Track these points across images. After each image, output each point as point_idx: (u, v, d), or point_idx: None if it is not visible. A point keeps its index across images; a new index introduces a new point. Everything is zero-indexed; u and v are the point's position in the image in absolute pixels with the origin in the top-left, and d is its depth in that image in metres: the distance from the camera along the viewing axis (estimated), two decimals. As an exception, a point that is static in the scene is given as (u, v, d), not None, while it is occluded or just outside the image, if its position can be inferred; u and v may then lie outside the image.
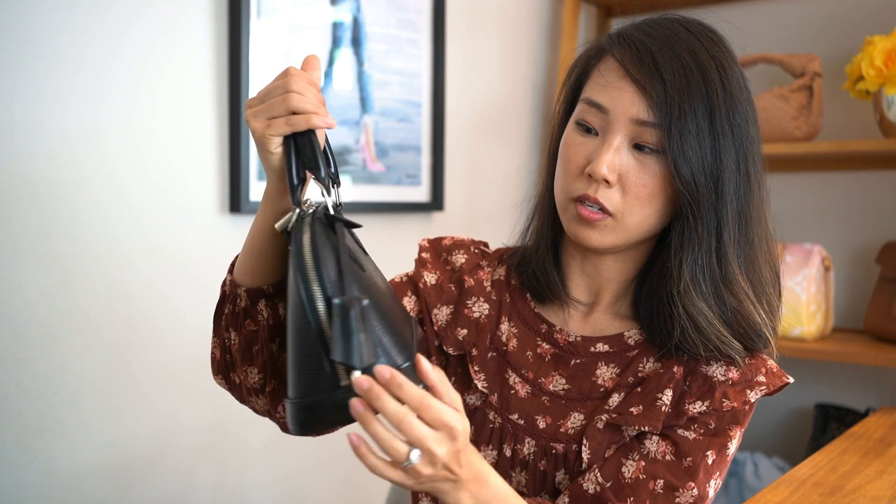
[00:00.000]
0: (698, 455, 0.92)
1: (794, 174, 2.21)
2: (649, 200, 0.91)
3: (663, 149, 0.89)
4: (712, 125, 0.89)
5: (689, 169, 0.88)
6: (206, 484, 1.55)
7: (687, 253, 0.91)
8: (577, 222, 0.93)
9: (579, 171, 0.93)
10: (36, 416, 1.30)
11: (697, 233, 0.90)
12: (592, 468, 0.93)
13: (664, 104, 0.88)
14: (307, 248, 0.76)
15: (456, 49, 2.01)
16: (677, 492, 0.91)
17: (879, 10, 2.06)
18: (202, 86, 1.50)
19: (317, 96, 0.81)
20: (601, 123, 0.92)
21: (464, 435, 0.76)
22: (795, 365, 2.14)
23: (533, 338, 1.03)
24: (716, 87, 0.89)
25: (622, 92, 0.90)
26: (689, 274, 0.91)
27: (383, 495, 1.56)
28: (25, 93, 1.27)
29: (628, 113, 0.90)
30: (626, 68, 0.90)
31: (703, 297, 0.91)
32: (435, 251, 1.10)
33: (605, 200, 0.90)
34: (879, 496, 1.16)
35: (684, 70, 0.89)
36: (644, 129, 0.89)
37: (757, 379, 0.94)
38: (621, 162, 0.90)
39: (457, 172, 2.04)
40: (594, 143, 0.92)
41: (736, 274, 0.92)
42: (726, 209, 0.90)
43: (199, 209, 1.51)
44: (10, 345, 1.27)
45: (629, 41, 0.92)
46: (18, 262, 1.28)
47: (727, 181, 0.90)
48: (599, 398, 0.97)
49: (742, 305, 0.92)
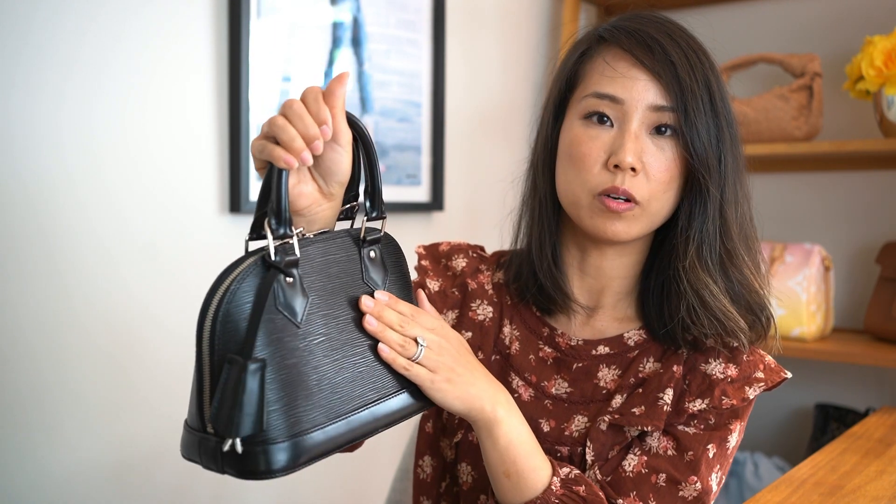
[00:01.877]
0: (699, 449, 0.92)
1: (794, 174, 2.21)
2: (670, 184, 0.93)
3: (677, 131, 0.92)
4: (713, 104, 0.92)
5: (703, 146, 0.91)
6: (206, 484, 1.55)
7: (694, 229, 0.93)
8: (604, 216, 0.93)
9: (599, 164, 0.93)
10: (36, 416, 1.30)
11: (705, 209, 0.93)
12: (593, 466, 0.94)
13: (677, 87, 0.91)
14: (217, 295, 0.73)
15: (456, 49, 2.01)
16: (680, 485, 0.91)
17: (879, 10, 2.06)
18: (202, 86, 1.50)
19: (306, 126, 0.77)
20: (616, 114, 0.93)
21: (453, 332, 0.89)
22: (795, 365, 2.14)
23: (535, 341, 1.03)
24: (710, 69, 0.94)
25: (636, 81, 0.92)
26: (695, 249, 0.93)
27: (383, 495, 1.56)
28: (22, 93, 1.27)
29: (644, 100, 0.92)
30: (636, 57, 0.92)
31: (708, 271, 0.93)
32: (433, 258, 1.11)
33: (633, 190, 0.91)
34: (879, 496, 1.16)
35: (685, 54, 0.92)
36: (661, 114, 0.92)
37: (755, 375, 0.94)
38: (643, 149, 0.92)
39: (457, 172, 2.04)
40: (610, 135, 0.93)
41: (738, 247, 0.94)
42: (727, 186, 0.93)
43: (199, 209, 1.51)
44: (10, 345, 1.27)
45: (631, 32, 0.94)
46: (18, 263, 1.28)
47: (728, 160, 0.93)
48: (602, 400, 0.97)
49: (746, 279, 0.94)
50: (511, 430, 0.85)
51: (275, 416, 0.73)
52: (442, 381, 0.83)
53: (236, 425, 0.69)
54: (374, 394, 0.80)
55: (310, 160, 0.77)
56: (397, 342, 0.82)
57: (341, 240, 0.83)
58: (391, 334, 0.83)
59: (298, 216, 0.84)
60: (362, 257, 0.84)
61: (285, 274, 0.76)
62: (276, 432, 0.72)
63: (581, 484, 0.88)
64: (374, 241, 0.86)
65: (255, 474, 0.72)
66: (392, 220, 1.88)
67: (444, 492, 1.05)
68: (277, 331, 0.74)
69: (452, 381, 0.84)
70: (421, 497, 1.06)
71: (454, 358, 0.85)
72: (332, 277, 0.81)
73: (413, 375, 0.83)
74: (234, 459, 0.72)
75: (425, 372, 0.83)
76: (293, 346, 0.75)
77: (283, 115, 0.78)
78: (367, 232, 0.85)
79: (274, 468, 0.73)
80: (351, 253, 0.84)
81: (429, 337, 0.84)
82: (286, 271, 0.76)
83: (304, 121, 0.77)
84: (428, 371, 0.83)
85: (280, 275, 0.75)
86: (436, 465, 1.05)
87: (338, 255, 0.82)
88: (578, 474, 0.89)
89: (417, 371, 0.83)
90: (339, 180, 0.84)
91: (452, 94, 2.00)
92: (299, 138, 0.76)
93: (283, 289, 0.76)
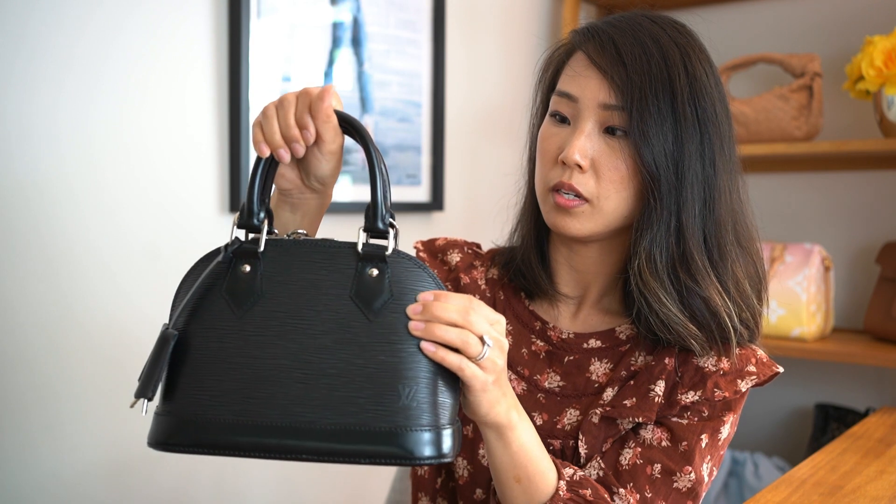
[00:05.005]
0: (693, 439, 0.93)
1: (794, 174, 2.21)
2: (623, 185, 0.92)
3: (629, 132, 0.91)
4: (674, 108, 0.90)
5: (651, 150, 0.89)
6: (206, 484, 1.55)
7: (646, 232, 0.92)
8: (556, 211, 0.94)
9: (554, 160, 0.94)
10: (37, 416, 1.30)
11: (657, 213, 0.91)
12: (594, 458, 0.94)
13: (627, 87, 0.90)
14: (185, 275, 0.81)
15: (456, 49, 2.01)
16: (675, 476, 0.92)
17: (879, 10, 2.06)
18: (202, 86, 1.50)
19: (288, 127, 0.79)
20: (572, 112, 0.94)
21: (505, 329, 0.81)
22: (795, 365, 2.14)
23: (527, 335, 1.03)
24: (678, 72, 0.91)
25: (589, 80, 0.93)
26: (646, 252, 0.92)
27: (383, 495, 1.56)
28: (19, 93, 1.27)
29: (596, 98, 0.92)
30: (590, 57, 0.93)
31: (656, 275, 0.92)
32: (430, 252, 1.13)
33: (579, 186, 0.91)
34: (879, 496, 1.16)
35: (645, 55, 0.91)
36: (612, 113, 0.91)
37: (747, 369, 0.95)
38: (593, 147, 0.92)
39: (457, 172, 2.04)
40: (566, 132, 0.94)
41: (695, 254, 0.92)
42: (687, 192, 0.91)
43: (199, 209, 1.51)
44: (10, 345, 1.27)
45: (593, 33, 0.95)
46: (18, 263, 1.28)
47: (689, 165, 0.91)
48: (594, 393, 0.98)
49: (699, 287, 0.92)
50: (523, 433, 0.83)
51: (179, 391, 0.75)
52: (491, 385, 0.77)
53: (139, 386, 0.73)
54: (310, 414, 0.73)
55: (286, 158, 0.80)
56: (458, 338, 0.74)
57: (336, 250, 0.78)
58: (451, 331, 0.74)
59: (283, 196, 0.87)
60: (358, 273, 0.77)
61: (237, 262, 0.78)
62: (171, 405, 0.75)
63: (587, 487, 0.88)
64: (372, 257, 0.77)
65: (151, 444, 0.75)
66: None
67: (441, 487, 1.05)
68: (213, 313, 0.77)
69: (497, 385, 0.79)
70: (419, 494, 1.06)
71: (505, 361, 0.79)
72: (306, 284, 0.77)
73: (469, 377, 0.75)
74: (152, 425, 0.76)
75: (482, 374, 0.76)
76: (223, 333, 0.76)
77: (273, 106, 0.80)
78: (370, 248, 0.78)
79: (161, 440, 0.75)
80: (344, 265, 0.77)
81: (493, 334, 0.76)
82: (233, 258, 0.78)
83: (288, 121, 0.79)
84: (484, 374, 0.76)
85: (238, 262, 0.78)
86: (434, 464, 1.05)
87: (323, 263, 0.77)
88: (583, 476, 0.89)
89: (473, 372, 0.75)
90: (319, 181, 0.85)
91: (452, 94, 2.00)
92: (278, 134, 0.79)
93: (237, 276, 0.78)
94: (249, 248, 0.79)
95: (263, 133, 0.80)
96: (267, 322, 0.76)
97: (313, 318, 0.75)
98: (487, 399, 0.78)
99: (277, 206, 0.89)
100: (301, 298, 0.76)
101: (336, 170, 0.85)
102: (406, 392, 0.73)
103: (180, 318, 0.77)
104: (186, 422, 0.74)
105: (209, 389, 0.74)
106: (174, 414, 0.75)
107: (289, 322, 0.76)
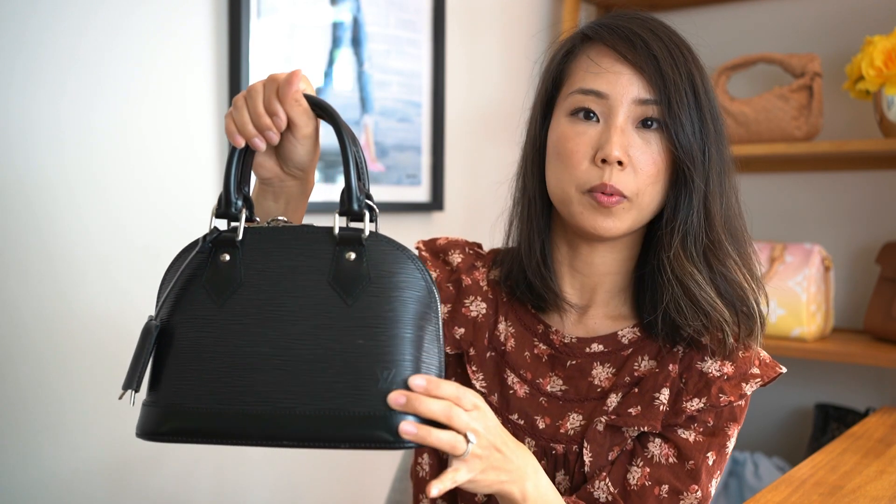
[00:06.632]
0: (700, 457, 0.93)
1: (794, 174, 2.21)
2: (657, 177, 0.93)
3: (663, 124, 0.92)
4: (697, 98, 0.93)
5: (687, 138, 0.92)
6: (206, 484, 1.55)
7: (679, 220, 0.93)
8: (593, 212, 0.93)
9: (586, 160, 0.93)
10: (37, 416, 1.30)
11: (690, 200, 0.93)
12: (601, 475, 0.94)
13: (661, 80, 0.92)
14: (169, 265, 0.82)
15: (456, 49, 2.01)
16: (682, 495, 0.92)
17: (879, 10, 2.06)
18: (202, 86, 1.50)
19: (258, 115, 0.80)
20: (602, 109, 0.94)
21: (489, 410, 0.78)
22: (795, 365, 2.14)
23: (530, 338, 1.03)
24: (694, 64, 0.94)
25: (619, 75, 0.93)
26: (680, 240, 0.93)
27: (383, 496, 1.56)
28: (20, 93, 1.27)
29: (629, 94, 0.92)
30: (619, 52, 0.94)
31: (692, 261, 0.93)
32: (432, 252, 1.12)
33: (621, 185, 0.92)
34: (879, 496, 1.16)
35: (668, 48, 0.93)
36: (646, 108, 0.92)
37: (751, 371, 0.95)
38: (629, 143, 0.92)
39: (457, 172, 2.04)
40: (596, 131, 0.94)
41: (723, 240, 0.94)
42: (711, 178, 0.93)
43: (200, 209, 1.51)
44: (11, 345, 1.27)
45: (614, 29, 0.95)
46: (18, 263, 1.28)
47: (711, 151, 0.94)
48: (597, 398, 0.98)
49: (729, 270, 0.94)
50: (537, 500, 0.82)
51: (163, 381, 0.76)
52: (479, 474, 0.76)
53: (125, 378, 0.75)
54: (290, 400, 0.72)
55: (261, 147, 0.81)
56: (448, 441, 0.72)
57: (314, 235, 0.78)
58: (441, 434, 0.72)
59: (265, 185, 0.88)
60: (336, 258, 0.76)
61: (217, 251, 0.79)
62: (156, 396, 0.77)
63: None
64: (350, 241, 0.76)
65: (139, 434, 0.77)
66: (392, 220, 1.89)
67: None
68: (194, 303, 0.77)
69: (487, 472, 0.77)
70: (420, 495, 1.06)
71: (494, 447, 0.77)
72: (285, 271, 0.76)
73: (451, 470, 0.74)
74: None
75: (465, 468, 0.75)
76: (204, 322, 0.77)
77: (242, 97, 0.81)
78: (346, 231, 0.77)
79: (147, 430, 0.76)
80: (322, 251, 0.77)
81: (474, 426, 0.74)
82: (213, 248, 0.79)
83: (257, 109, 0.80)
84: (469, 467, 0.75)
85: (218, 251, 0.79)
86: (433, 463, 1.05)
87: (302, 249, 0.77)
88: None
89: (457, 466, 0.74)
90: (298, 166, 0.86)
91: (452, 94, 2.00)
92: (250, 124, 0.80)
93: (217, 266, 0.78)
94: (228, 237, 0.79)
95: (235, 124, 0.80)
96: (246, 310, 0.76)
97: (292, 304, 0.75)
98: (479, 485, 0.77)
99: (260, 196, 0.89)
100: (280, 285, 0.76)
101: (313, 154, 0.86)
102: (385, 375, 0.72)
103: (163, 309, 0.79)
104: (170, 411, 0.75)
105: (191, 379, 0.75)
106: (159, 404, 0.76)
107: (268, 309, 0.75)
